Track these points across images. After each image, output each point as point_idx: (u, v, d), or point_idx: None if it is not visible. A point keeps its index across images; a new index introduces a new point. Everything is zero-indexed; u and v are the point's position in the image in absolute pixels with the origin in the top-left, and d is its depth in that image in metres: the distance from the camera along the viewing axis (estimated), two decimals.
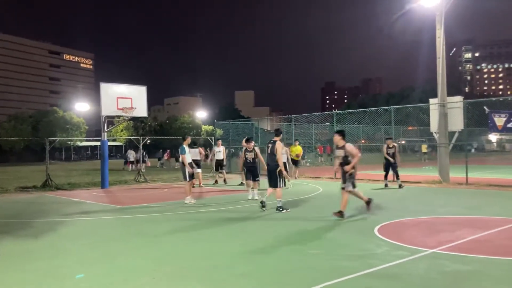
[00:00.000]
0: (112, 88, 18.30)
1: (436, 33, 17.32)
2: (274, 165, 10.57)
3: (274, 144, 10.67)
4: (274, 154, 10.54)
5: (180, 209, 11.56)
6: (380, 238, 7.40)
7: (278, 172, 10.56)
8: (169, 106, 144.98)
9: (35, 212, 11.63)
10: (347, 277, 5.27)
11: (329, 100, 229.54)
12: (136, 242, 7.69)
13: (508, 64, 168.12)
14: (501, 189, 14.64)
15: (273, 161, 10.57)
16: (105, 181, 18.36)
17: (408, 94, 79.10)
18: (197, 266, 6.00)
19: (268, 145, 10.90)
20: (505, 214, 9.59)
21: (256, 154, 12.78)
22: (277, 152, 10.49)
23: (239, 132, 28.53)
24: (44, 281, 5.51)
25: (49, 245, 7.56)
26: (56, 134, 56.56)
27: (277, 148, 10.54)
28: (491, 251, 6.42)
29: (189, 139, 13.47)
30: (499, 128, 16.10)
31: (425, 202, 11.97)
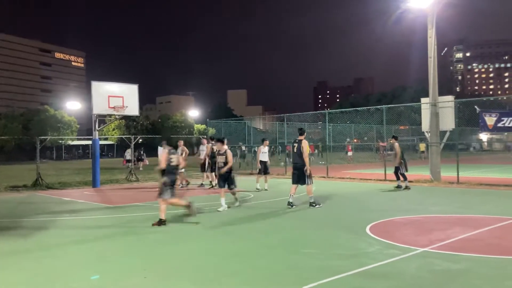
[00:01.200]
0: (103, 87, 18.19)
1: (428, 33, 17.41)
2: (302, 164, 10.95)
3: (300, 143, 11.02)
4: (300, 153, 10.94)
5: (170, 208, 11.50)
6: (372, 237, 7.43)
7: (305, 170, 10.97)
8: (161, 105, 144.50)
9: (26, 212, 11.53)
10: (339, 276, 5.27)
11: (322, 99, 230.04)
12: (127, 241, 7.65)
13: (498, 64, 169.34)
14: (492, 188, 14.75)
15: (301, 159, 10.95)
16: (96, 180, 18.24)
17: (400, 93, 79.48)
18: (188, 266, 5.98)
19: (293, 144, 11.23)
20: (496, 213, 9.66)
21: (227, 158, 10.67)
22: (304, 151, 10.92)
23: (231, 131, 28.50)
24: (35, 281, 5.46)
25: (40, 244, 7.50)
26: (47, 133, 56.12)
27: (303, 146, 10.94)
28: (482, 249, 6.46)
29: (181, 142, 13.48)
30: (490, 127, 16.22)
31: (417, 201, 12.02)
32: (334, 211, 10.82)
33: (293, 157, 11.31)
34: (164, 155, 9.30)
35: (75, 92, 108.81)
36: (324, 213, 10.41)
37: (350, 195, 13.73)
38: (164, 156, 9.26)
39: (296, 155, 11.10)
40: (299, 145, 11.01)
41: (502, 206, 10.91)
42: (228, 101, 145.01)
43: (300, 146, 10.96)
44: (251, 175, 22.66)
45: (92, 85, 18.05)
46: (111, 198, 14.40)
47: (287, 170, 22.77)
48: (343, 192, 14.69)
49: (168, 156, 9.22)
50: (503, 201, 11.76)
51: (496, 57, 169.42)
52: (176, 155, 9.43)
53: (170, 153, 9.30)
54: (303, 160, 10.91)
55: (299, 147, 10.97)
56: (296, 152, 11.07)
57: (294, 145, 11.16)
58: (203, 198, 13.90)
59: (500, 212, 9.74)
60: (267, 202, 12.38)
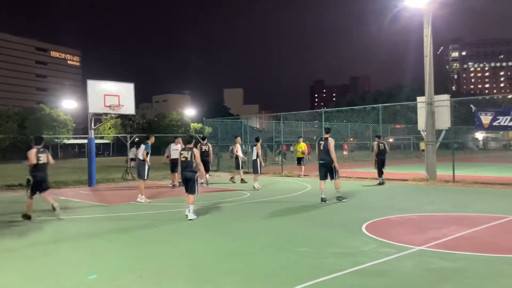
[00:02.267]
0: (99, 86, 18.12)
1: (424, 32, 17.44)
2: (330, 160, 11.54)
3: (326, 140, 11.65)
4: (327, 150, 11.52)
5: (167, 207, 11.50)
6: (368, 235, 7.43)
7: (334, 167, 11.59)
8: (158, 104, 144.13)
9: (20, 211, 11.46)
10: (335, 274, 5.28)
11: (318, 98, 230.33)
12: (123, 240, 7.63)
13: (494, 63, 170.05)
14: (487, 186, 14.80)
15: (328, 156, 11.55)
16: (92, 179, 18.18)
17: (396, 92, 79.68)
18: (183, 264, 5.97)
19: (319, 142, 11.81)
20: (491, 211, 9.70)
21: (194, 155, 9.67)
22: (330, 148, 11.53)
23: (228, 130, 28.49)
24: (28, 280, 5.44)
25: (34, 244, 7.46)
26: (42, 131, 55.90)
27: (330, 144, 11.55)
28: (477, 248, 6.48)
29: (153, 138, 13.35)
30: (485, 126, 16.25)
31: (412, 200, 12.05)
32: (329, 209, 10.83)
33: (320, 154, 11.77)
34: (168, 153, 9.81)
35: (70, 90, 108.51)
36: (319, 212, 10.43)
37: (346, 194, 13.73)
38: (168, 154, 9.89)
39: (323, 152, 11.66)
40: (325, 142, 11.62)
41: (497, 204, 10.95)
42: (224, 100, 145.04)
43: (327, 143, 11.57)
44: (246, 173, 22.66)
45: (88, 84, 17.98)
46: (107, 197, 14.36)
47: (283, 169, 22.79)
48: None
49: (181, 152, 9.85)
50: (498, 200, 11.81)
51: (491, 56, 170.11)
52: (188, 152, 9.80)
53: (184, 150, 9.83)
54: (330, 156, 11.53)
55: (326, 145, 11.58)
56: (323, 150, 11.65)
57: (321, 143, 11.72)
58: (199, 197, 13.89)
59: (495, 211, 9.78)
60: (262, 201, 12.38)
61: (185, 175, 9.71)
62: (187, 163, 9.63)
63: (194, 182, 9.65)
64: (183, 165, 9.70)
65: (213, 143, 28.94)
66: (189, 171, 9.64)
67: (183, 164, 9.71)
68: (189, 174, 9.64)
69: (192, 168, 9.62)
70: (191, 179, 9.64)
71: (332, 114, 34.00)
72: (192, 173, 9.63)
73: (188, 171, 9.64)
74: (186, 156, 9.64)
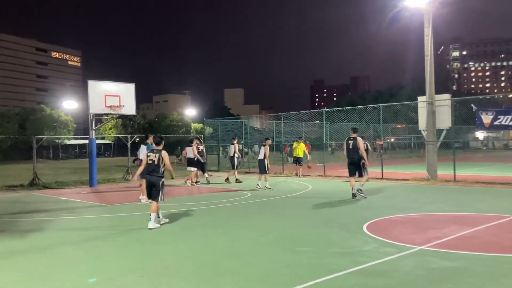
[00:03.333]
0: (100, 86, 18.13)
1: (424, 32, 17.43)
2: (359, 158, 12.26)
3: (355, 140, 12.36)
4: (356, 149, 12.22)
5: (167, 207, 11.50)
6: (369, 235, 7.44)
7: (362, 164, 12.30)
8: (158, 104, 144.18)
9: (22, 211, 11.50)
10: (336, 274, 5.28)
11: (318, 98, 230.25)
12: (123, 240, 7.64)
13: (495, 63, 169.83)
14: (488, 186, 14.80)
15: (357, 155, 12.26)
16: (93, 179, 18.20)
17: (397, 92, 79.65)
18: (183, 264, 5.98)
19: (348, 141, 12.49)
20: (492, 211, 9.70)
21: (162, 159, 8.86)
22: (360, 147, 12.26)
23: (228, 130, 28.50)
24: (29, 281, 5.44)
25: (35, 244, 7.47)
26: (43, 132, 55.91)
27: (359, 143, 12.29)
28: (478, 247, 6.48)
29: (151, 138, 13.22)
30: (486, 125, 16.24)
31: (413, 199, 12.05)
32: (330, 209, 10.84)
33: (349, 153, 12.49)
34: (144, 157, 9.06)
35: (71, 91, 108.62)
36: (320, 212, 10.43)
37: (346, 194, 13.73)
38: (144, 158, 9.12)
39: (352, 151, 12.40)
40: (354, 142, 12.37)
41: (498, 204, 10.95)
42: (225, 100, 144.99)
43: (356, 142, 12.32)
44: (247, 174, 22.67)
45: (88, 84, 17.99)
46: (108, 197, 14.37)
47: (284, 169, 22.79)
48: (339, 190, 14.70)
49: None
50: (499, 199, 11.80)
51: (492, 56, 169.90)
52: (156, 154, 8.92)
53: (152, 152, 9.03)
54: (359, 154, 12.24)
55: (355, 144, 12.32)
56: (352, 149, 12.37)
57: (349, 142, 12.45)
58: (200, 197, 13.90)
59: (496, 210, 9.78)
60: (263, 201, 12.38)
61: (150, 180, 8.85)
62: (153, 167, 8.79)
63: (160, 188, 8.80)
64: (149, 168, 8.85)
65: (214, 143, 29.03)
66: (154, 176, 8.79)
67: (149, 167, 8.86)
68: (154, 179, 8.79)
69: (158, 173, 8.79)
70: (157, 184, 8.79)
71: (333, 114, 33.96)
72: (159, 178, 8.80)
73: (153, 176, 8.80)
74: (153, 159, 8.81)
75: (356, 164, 12.43)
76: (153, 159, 8.81)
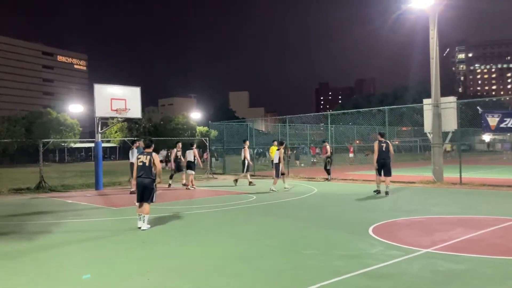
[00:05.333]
0: (106, 89, 18.22)
1: (430, 34, 17.40)
2: (389, 160, 13.82)
3: (386, 143, 13.88)
4: (388, 151, 13.77)
5: (173, 210, 11.53)
6: (375, 238, 7.43)
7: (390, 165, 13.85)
8: (163, 107, 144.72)
9: (28, 214, 11.56)
10: (342, 277, 5.28)
11: (323, 100, 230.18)
12: (129, 243, 7.66)
13: (501, 65, 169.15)
14: (495, 188, 14.72)
15: (388, 156, 13.79)
16: (99, 182, 18.28)
17: (402, 94, 79.48)
18: (190, 267, 6.00)
19: (381, 144, 13.77)
20: (498, 214, 9.65)
21: (153, 161, 9.01)
22: (390, 149, 13.93)
23: (233, 133, 28.52)
24: (37, 282, 5.48)
25: (42, 247, 7.52)
26: (49, 135, 56.28)
27: (390, 146, 13.97)
28: (484, 250, 6.46)
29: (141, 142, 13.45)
30: (492, 128, 16.18)
31: (419, 202, 12.01)
32: (336, 212, 10.83)
33: (382, 154, 13.74)
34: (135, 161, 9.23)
35: (77, 95, 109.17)
36: (326, 214, 10.43)
37: (352, 196, 13.73)
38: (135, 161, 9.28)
39: (384, 153, 13.75)
40: (386, 144, 13.81)
41: (505, 206, 10.89)
42: (230, 103, 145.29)
43: (388, 145, 13.82)
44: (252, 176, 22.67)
45: (94, 88, 18.10)
46: (114, 200, 14.43)
47: (289, 172, 22.77)
48: (345, 193, 14.70)
49: None
50: (506, 202, 11.74)
51: (498, 58, 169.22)
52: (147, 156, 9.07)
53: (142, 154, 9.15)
54: (389, 156, 13.80)
55: (387, 146, 13.80)
56: (384, 151, 13.75)
57: (382, 145, 13.78)
58: (205, 200, 13.92)
59: (502, 213, 9.73)
60: (268, 204, 12.39)
61: (142, 182, 8.90)
62: (144, 169, 8.90)
63: (152, 190, 8.93)
64: (140, 171, 8.91)
65: (219, 146, 29.03)
66: (146, 178, 8.89)
67: (140, 170, 8.92)
68: (146, 181, 8.89)
69: (150, 174, 8.90)
70: (149, 186, 8.89)
71: (338, 117, 33.95)
72: (150, 180, 8.92)
73: (145, 178, 8.89)
74: (144, 161, 8.90)
75: (387, 165, 13.71)
76: (144, 161, 8.90)
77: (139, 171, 8.95)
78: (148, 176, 8.90)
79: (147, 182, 8.90)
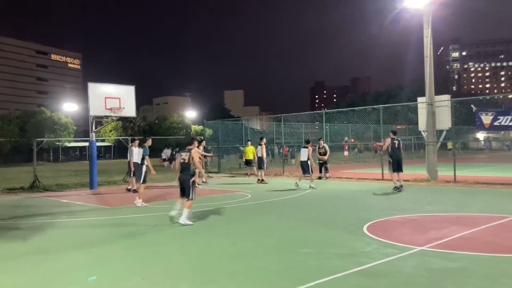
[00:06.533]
0: (100, 88, 18.15)
1: (424, 33, 17.46)
2: (401, 156, 14.38)
3: (398, 140, 14.44)
4: (400, 148, 14.34)
5: (169, 209, 11.50)
6: (369, 236, 7.45)
7: None
8: (158, 106, 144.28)
9: (23, 214, 11.50)
10: (337, 275, 5.29)
11: (319, 99, 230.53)
12: (125, 242, 7.65)
13: (494, 63, 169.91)
14: (489, 186, 14.80)
15: (400, 154, 14.37)
16: (94, 181, 18.21)
17: (397, 93, 79.55)
18: (186, 266, 5.99)
19: (394, 141, 14.27)
20: (492, 211, 9.71)
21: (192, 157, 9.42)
22: (401, 146, 14.52)
23: (228, 131, 28.50)
24: (31, 283, 5.46)
25: (37, 247, 7.48)
26: (44, 134, 56.03)
27: (401, 143, 14.56)
28: (478, 248, 6.50)
29: (150, 140, 13.50)
30: (486, 126, 16.26)
31: (414, 200, 12.06)
32: (331, 210, 10.85)
33: (395, 151, 14.25)
34: None
35: (71, 93, 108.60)
36: (321, 213, 10.45)
37: (347, 195, 13.77)
38: None
39: (398, 150, 14.26)
40: (398, 142, 14.35)
41: (499, 204, 10.96)
42: (225, 102, 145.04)
43: (399, 142, 14.39)
44: (246, 175, 22.67)
45: (88, 87, 18.02)
46: (109, 199, 14.38)
47: (284, 170, 22.80)
48: (340, 191, 14.74)
49: None
50: (500, 200, 11.81)
51: (492, 56, 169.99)
52: None
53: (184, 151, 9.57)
54: (401, 153, 14.42)
55: (399, 144, 14.34)
56: (397, 148, 14.24)
57: (395, 142, 14.29)
58: (201, 199, 13.92)
59: (496, 211, 9.79)
60: (263, 203, 12.40)
61: (181, 178, 9.31)
62: (184, 166, 9.28)
63: (191, 185, 9.23)
64: (181, 167, 9.33)
65: (214, 145, 29.00)
66: (185, 174, 9.26)
67: (180, 167, 9.34)
68: (185, 177, 9.27)
69: (189, 171, 9.24)
70: (187, 183, 9.22)
71: (333, 115, 34.00)
72: (188, 176, 9.24)
73: (184, 174, 9.27)
74: (184, 158, 9.28)
75: (399, 162, 14.24)
76: (184, 158, 9.31)
77: (181, 168, 9.33)
78: (186, 172, 9.27)
79: (185, 178, 9.28)
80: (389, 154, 14.51)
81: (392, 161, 14.40)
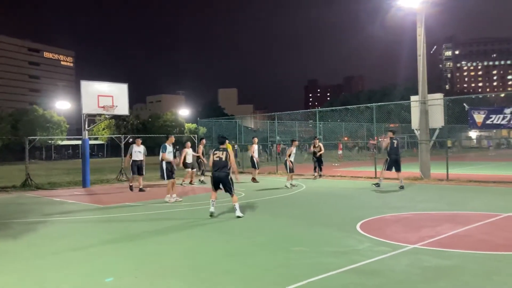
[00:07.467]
0: (93, 86, 18.04)
1: (417, 31, 17.52)
2: (400, 156, 14.58)
3: (397, 140, 14.68)
4: (399, 147, 14.53)
5: (162, 207, 11.48)
6: (362, 234, 7.46)
7: None
8: (152, 104, 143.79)
9: (14, 212, 11.42)
10: (330, 273, 5.30)
11: (312, 97, 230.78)
12: (118, 241, 7.61)
13: (487, 62, 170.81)
14: (481, 184, 14.89)
15: (399, 153, 14.56)
16: (86, 180, 18.11)
17: (390, 91, 79.85)
18: (180, 265, 5.97)
19: (393, 141, 14.42)
20: (485, 209, 9.76)
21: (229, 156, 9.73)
22: (399, 146, 14.71)
23: (222, 130, 28.46)
24: (22, 283, 5.41)
25: (29, 246, 7.43)
26: (36, 133, 55.63)
27: (399, 143, 14.76)
28: (471, 245, 6.53)
29: (173, 138, 13.47)
30: (479, 125, 16.35)
31: (407, 198, 12.10)
32: (324, 209, 10.86)
33: (393, 150, 14.37)
34: None
35: (64, 91, 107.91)
36: (314, 211, 10.46)
37: (340, 193, 13.79)
38: None
39: (396, 149, 14.43)
40: (397, 141, 14.59)
41: (491, 202, 11.03)
42: (219, 100, 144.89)
43: (398, 142, 14.66)
44: (241, 173, 22.65)
45: (81, 85, 17.91)
46: (102, 198, 14.31)
47: (278, 169, 22.81)
48: (333, 190, 14.76)
49: None
50: (492, 198, 11.89)
51: (484, 55, 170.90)
52: None
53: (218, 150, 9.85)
54: (400, 152, 14.61)
55: (398, 143, 14.57)
56: (396, 147, 14.42)
57: (394, 141, 14.43)
58: (196, 197, 13.89)
59: (488, 209, 9.85)
60: (257, 201, 12.39)
61: (219, 176, 9.60)
62: (220, 164, 9.56)
63: (229, 181, 9.61)
64: (217, 165, 9.59)
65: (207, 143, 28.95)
66: (222, 172, 9.57)
67: (216, 164, 9.60)
68: (222, 174, 9.57)
69: (226, 168, 9.57)
70: (225, 179, 9.58)
71: (326, 114, 34.04)
72: (226, 173, 9.57)
73: (221, 172, 9.57)
74: (221, 156, 9.56)
75: (398, 161, 14.36)
76: (221, 156, 9.58)
77: (215, 165, 9.60)
78: (224, 170, 9.58)
79: (223, 175, 9.60)
80: (388, 153, 14.57)
81: (390, 160, 14.47)
